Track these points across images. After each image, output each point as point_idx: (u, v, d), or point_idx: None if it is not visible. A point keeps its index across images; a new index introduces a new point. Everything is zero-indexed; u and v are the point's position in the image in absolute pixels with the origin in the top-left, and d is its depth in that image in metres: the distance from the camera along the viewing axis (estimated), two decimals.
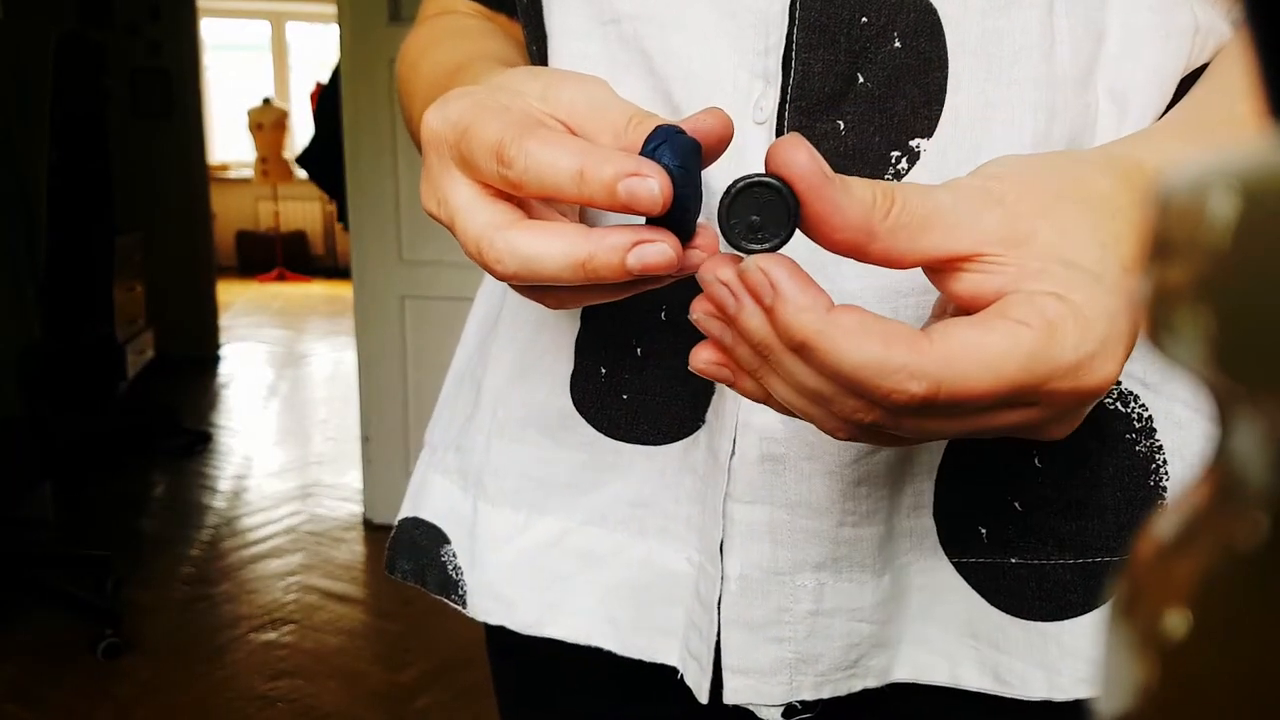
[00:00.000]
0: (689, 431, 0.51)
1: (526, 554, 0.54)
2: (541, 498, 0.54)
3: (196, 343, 5.07)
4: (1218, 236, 0.10)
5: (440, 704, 2.15)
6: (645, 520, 0.52)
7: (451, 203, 0.39)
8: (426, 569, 0.58)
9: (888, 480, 0.48)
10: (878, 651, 0.50)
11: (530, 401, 0.54)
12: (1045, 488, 0.48)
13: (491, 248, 0.38)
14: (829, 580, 0.48)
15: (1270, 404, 0.10)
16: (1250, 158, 0.10)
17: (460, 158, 0.39)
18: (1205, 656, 0.10)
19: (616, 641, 0.53)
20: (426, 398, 2.87)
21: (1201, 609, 0.10)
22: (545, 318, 0.53)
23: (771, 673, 0.49)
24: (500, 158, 0.37)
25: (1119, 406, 0.47)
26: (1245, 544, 0.10)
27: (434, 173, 0.40)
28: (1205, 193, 0.11)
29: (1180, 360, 0.11)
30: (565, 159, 0.36)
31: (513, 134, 0.37)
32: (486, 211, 0.38)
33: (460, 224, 0.39)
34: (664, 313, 0.50)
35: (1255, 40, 0.12)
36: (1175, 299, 0.11)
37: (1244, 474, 0.11)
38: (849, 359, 0.33)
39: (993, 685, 0.49)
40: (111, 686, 2.18)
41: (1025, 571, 0.48)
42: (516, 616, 0.54)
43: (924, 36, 0.43)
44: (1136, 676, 0.11)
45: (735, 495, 0.48)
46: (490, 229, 0.38)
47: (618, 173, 0.35)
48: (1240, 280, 0.10)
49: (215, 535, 2.99)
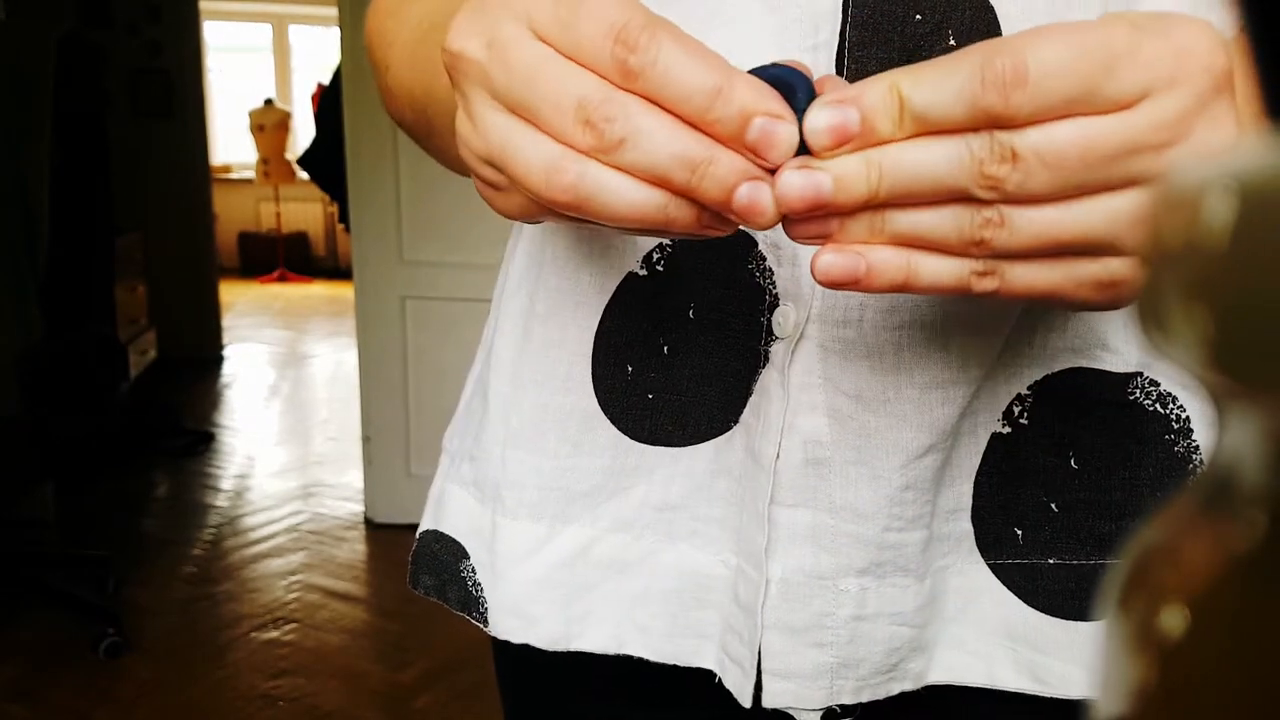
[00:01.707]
0: (719, 431, 0.50)
1: (550, 568, 0.52)
2: (563, 507, 0.52)
3: (199, 343, 5.07)
4: (1216, 236, 0.10)
5: (440, 703, 2.15)
6: (674, 524, 0.51)
7: (514, 45, 0.33)
8: (448, 585, 0.57)
9: (933, 485, 0.47)
10: (916, 655, 0.49)
11: (547, 405, 0.52)
12: (1083, 489, 0.48)
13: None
14: (872, 585, 0.48)
15: (1268, 403, 0.10)
16: (1248, 158, 0.10)
17: (548, 17, 0.32)
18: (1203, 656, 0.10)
19: (648, 648, 0.52)
20: (427, 398, 2.87)
21: (1199, 609, 0.10)
22: (553, 314, 0.52)
23: (813, 677, 0.48)
24: (624, 38, 0.31)
25: (1158, 408, 0.47)
26: (1243, 544, 0.10)
27: (486, 13, 0.34)
28: (1204, 193, 0.11)
29: (1178, 359, 0.11)
30: (704, 69, 0.31)
31: (644, 17, 0.32)
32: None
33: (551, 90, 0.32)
34: (692, 310, 0.49)
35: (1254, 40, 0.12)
36: (1173, 298, 0.11)
37: (1242, 473, 0.11)
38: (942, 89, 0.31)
39: (1031, 685, 0.49)
40: (112, 686, 2.18)
41: (1064, 572, 0.48)
42: (540, 633, 0.53)
43: (980, 34, 0.42)
44: (1134, 676, 0.11)
45: (779, 499, 0.47)
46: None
47: (756, 106, 0.31)
48: (1238, 280, 0.10)
49: (217, 534, 2.99)
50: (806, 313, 0.46)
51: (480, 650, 0.61)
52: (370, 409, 2.94)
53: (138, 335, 4.09)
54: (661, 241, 0.49)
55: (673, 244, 0.49)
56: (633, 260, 0.50)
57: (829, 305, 0.45)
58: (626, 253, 0.49)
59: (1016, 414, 0.47)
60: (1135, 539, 0.12)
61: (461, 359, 2.86)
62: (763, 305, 0.47)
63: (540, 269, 0.52)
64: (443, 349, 2.84)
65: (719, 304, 0.48)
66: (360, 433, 3.01)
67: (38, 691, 2.15)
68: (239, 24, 7.99)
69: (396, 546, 2.87)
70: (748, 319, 0.48)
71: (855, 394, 0.46)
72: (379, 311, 2.86)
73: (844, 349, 0.46)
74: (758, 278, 0.47)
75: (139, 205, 4.58)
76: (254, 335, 5.83)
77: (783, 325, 0.46)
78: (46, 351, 2.86)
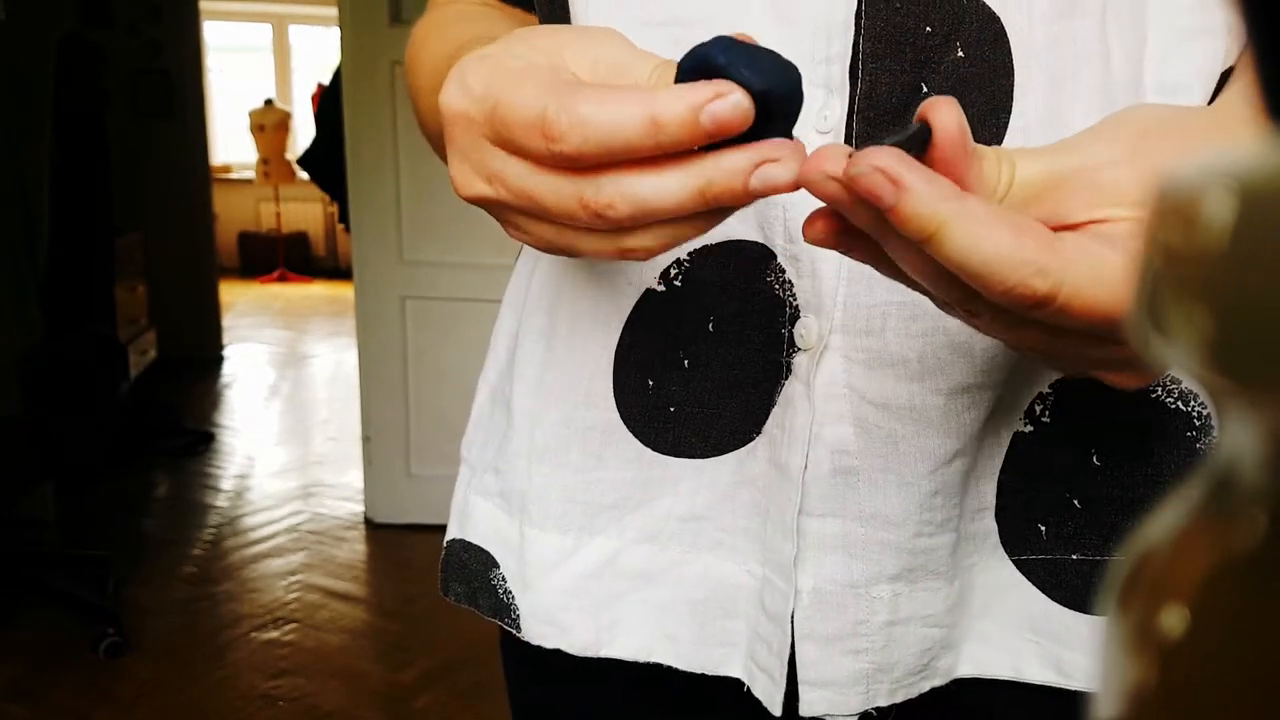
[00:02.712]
0: (742, 443, 0.50)
1: (579, 578, 0.53)
2: (589, 519, 0.53)
3: (199, 343, 5.07)
4: (1215, 237, 0.10)
5: (440, 703, 2.15)
6: (699, 534, 0.52)
7: (511, 177, 0.34)
8: (479, 593, 0.57)
9: (961, 489, 0.48)
10: (945, 652, 0.50)
11: (570, 419, 0.52)
12: (1105, 486, 0.48)
13: (600, 190, 0.33)
14: (905, 590, 0.48)
15: (1267, 403, 0.10)
16: (1248, 158, 0.10)
17: (497, 137, 0.34)
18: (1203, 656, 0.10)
19: (677, 657, 0.52)
20: (427, 398, 2.88)
21: (1199, 609, 0.10)
22: (575, 331, 0.52)
23: (849, 684, 0.49)
24: (547, 133, 0.32)
25: (1180, 405, 0.48)
26: (1243, 544, 0.10)
27: (470, 152, 0.36)
28: (1203, 193, 0.11)
29: (1178, 359, 0.11)
30: (628, 112, 0.31)
31: (555, 100, 0.32)
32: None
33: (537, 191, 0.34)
34: (711, 324, 0.49)
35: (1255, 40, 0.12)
36: (1173, 298, 0.11)
37: (1241, 473, 0.11)
38: (981, 250, 0.30)
39: (1055, 678, 0.50)
40: (112, 686, 2.18)
41: (1088, 567, 0.49)
42: (572, 639, 0.53)
43: (988, 45, 0.43)
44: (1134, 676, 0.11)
45: (807, 509, 0.48)
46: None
47: (693, 103, 0.31)
48: (1238, 280, 0.10)
49: (217, 535, 2.99)
50: (830, 324, 0.46)
51: (480, 650, 0.61)
52: (370, 409, 2.94)
53: (138, 335, 4.09)
54: (678, 256, 0.49)
55: (690, 259, 0.49)
56: (651, 277, 0.50)
57: (851, 315, 0.46)
58: (645, 269, 0.50)
59: (1039, 412, 0.48)
60: (1135, 538, 0.12)
61: (461, 359, 2.88)
62: (783, 317, 0.47)
63: (560, 287, 0.53)
64: (443, 349, 2.84)
65: (738, 317, 0.48)
66: (360, 433, 3.01)
67: (38, 691, 2.15)
68: (239, 24, 7.99)
69: (396, 546, 2.87)
70: (768, 331, 0.48)
71: (881, 403, 0.46)
72: (379, 311, 2.86)
73: (868, 358, 0.46)
74: (777, 290, 0.47)
75: (139, 205, 4.58)
76: (254, 335, 5.83)
77: (805, 337, 0.47)
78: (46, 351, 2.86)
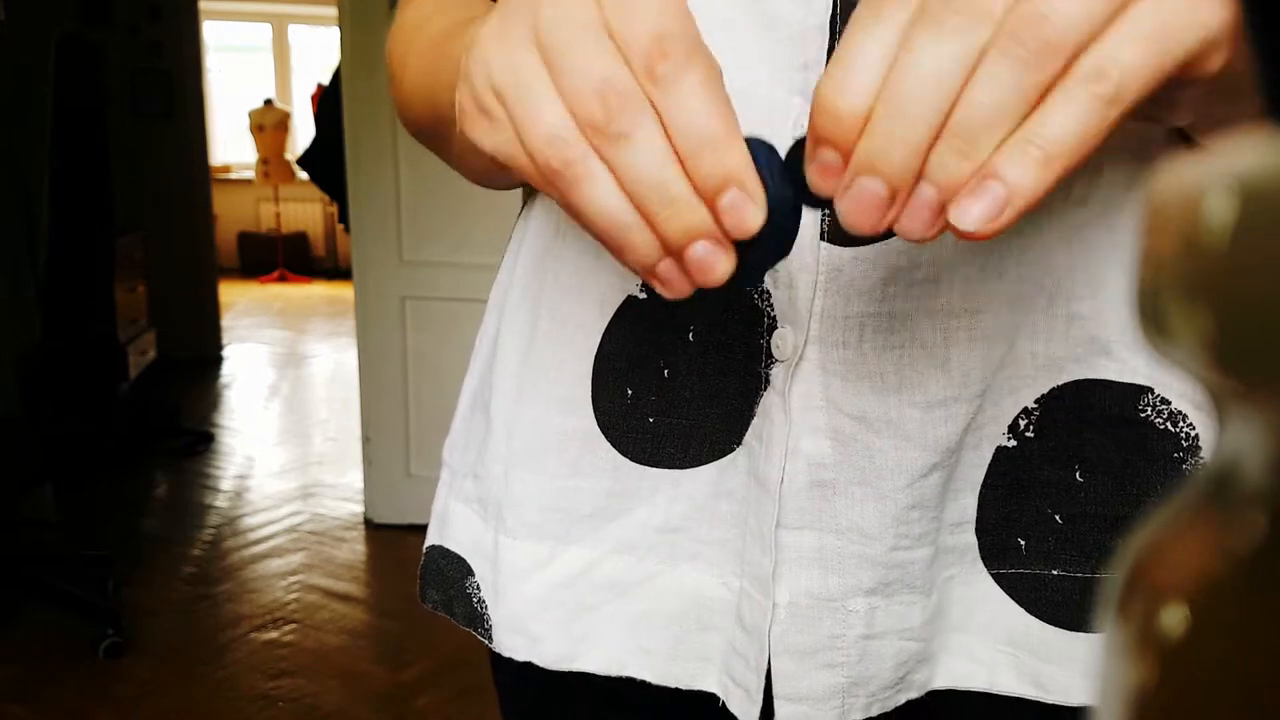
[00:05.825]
0: (722, 454, 0.49)
1: (552, 588, 0.53)
2: (565, 529, 0.52)
3: (198, 343, 5.07)
4: (1216, 236, 0.10)
5: (440, 704, 2.15)
6: (676, 546, 0.51)
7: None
8: (454, 600, 0.57)
9: (938, 502, 0.47)
10: (921, 666, 0.50)
11: (547, 427, 0.52)
12: (1088, 503, 0.48)
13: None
14: (881, 604, 0.48)
15: (1268, 403, 0.10)
16: (1249, 158, 0.10)
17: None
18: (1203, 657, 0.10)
19: (651, 671, 0.52)
20: (427, 398, 2.87)
21: (1199, 609, 0.10)
22: (555, 336, 0.52)
23: (825, 698, 0.48)
24: (664, 47, 0.31)
25: (1169, 427, 0.47)
26: (1243, 544, 0.10)
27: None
28: (1204, 193, 0.11)
29: (1178, 360, 0.11)
30: (718, 113, 0.31)
31: (685, 38, 0.32)
32: None
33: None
34: (692, 334, 0.49)
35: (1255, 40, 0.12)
36: (1173, 298, 0.11)
37: (1242, 473, 0.11)
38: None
39: (1032, 691, 0.49)
40: (112, 686, 2.18)
41: (1068, 583, 0.49)
42: (543, 651, 0.53)
43: None
44: (1134, 677, 0.11)
45: (784, 522, 0.47)
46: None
47: (739, 173, 0.31)
48: (1238, 280, 0.10)
49: (217, 535, 2.99)
50: (804, 335, 0.46)
51: (480, 650, 0.61)
52: (370, 409, 2.93)
53: (138, 335, 4.09)
54: None
55: None
56: (633, 283, 0.49)
57: (827, 327, 0.45)
58: (626, 275, 0.49)
59: (1023, 427, 0.47)
60: (1135, 539, 0.12)
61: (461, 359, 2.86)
62: (761, 328, 0.47)
63: (541, 290, 0.52)
64: (443, 349, 2.84)
65: (719, 327, 0.48)
66: (360, 433, 3.01)
67: (38, 691, 2.15)
68: (239, 24, 7.99)
69: (396, 547, 2.87)
70: (747, 341, 0.47)
71: (858, 415, 0.46)
72: (379, 312, 2.86)
73: (844, 370, 0.46)
74: (756, 300, 0.47)
75: (139, 205, 4.58)
76: (254, 335, 5.83)
77: (781, 348, 0.46)
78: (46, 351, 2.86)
